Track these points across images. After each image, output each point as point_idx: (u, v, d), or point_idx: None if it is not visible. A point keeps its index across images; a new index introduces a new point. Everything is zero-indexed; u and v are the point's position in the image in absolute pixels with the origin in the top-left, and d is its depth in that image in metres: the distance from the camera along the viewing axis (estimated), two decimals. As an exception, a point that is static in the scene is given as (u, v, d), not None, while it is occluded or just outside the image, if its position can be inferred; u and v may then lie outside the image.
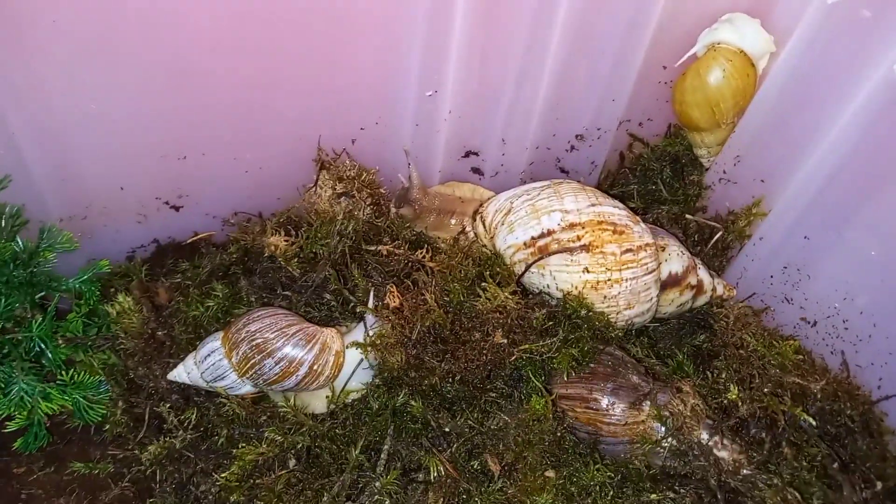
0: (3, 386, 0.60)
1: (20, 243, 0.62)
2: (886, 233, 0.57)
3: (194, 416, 0.60)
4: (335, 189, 0.68)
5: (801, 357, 0.61)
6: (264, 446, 0.57)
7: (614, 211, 0.63)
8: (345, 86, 0.64)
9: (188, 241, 0.73)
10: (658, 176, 0.77)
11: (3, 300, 0.61)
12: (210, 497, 0.57)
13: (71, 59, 0.56)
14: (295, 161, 0.69)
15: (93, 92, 0.58)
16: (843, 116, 0.59)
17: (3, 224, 0.61)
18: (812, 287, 0.64)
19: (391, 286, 0.60)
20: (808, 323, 0.64)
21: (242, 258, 0.69)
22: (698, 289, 0.66)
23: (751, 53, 0.67)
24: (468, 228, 0.69)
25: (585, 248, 0.60)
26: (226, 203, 0.72)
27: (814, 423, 0.54)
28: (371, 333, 0.59)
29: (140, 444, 0.61)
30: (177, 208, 0.71)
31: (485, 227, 0.66)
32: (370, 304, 0.61)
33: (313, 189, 0.69)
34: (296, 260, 0.66)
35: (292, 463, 0.58)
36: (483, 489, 0.55)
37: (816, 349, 0.63)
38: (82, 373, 0.62)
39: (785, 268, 0.65)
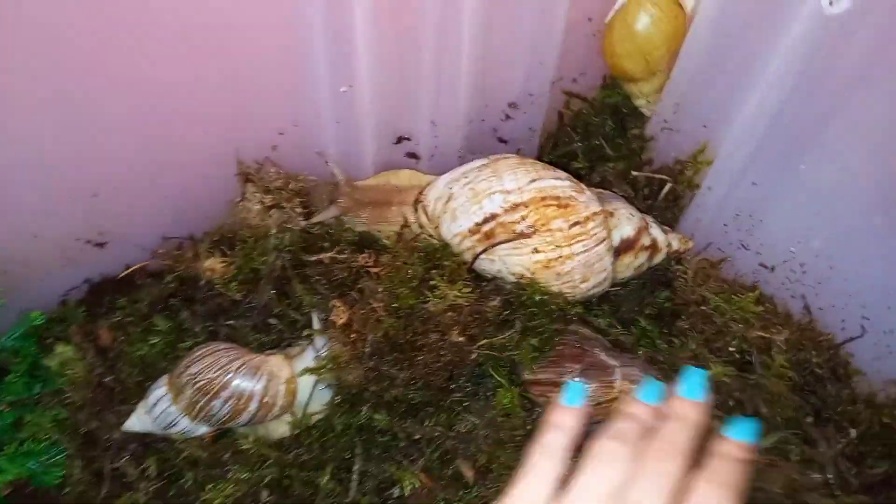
0: (-51, 464, 0.57)
1: (-66, 315, 0.58)
2: (833, 174, 0.55)
3: (154, 465, 0.58)
4: (264, 202, 0.64)
5: (762, 308, 0.60)
6: (231, 488, 0.55)
7: (556, 184, 0.60)
8: (252, 94, 0.60)
9: (121, 276, 0.69)
10: (600, 130, 0.74)
11: (-71, 377, 0.57)
12: (185, 545, 0.56)
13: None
14: (217, 177, 0.65)
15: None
16: (778, 54, 0.56)
17: None
18: (766, 232, 0.62)
19: (336, 301, 0.57)
20: (767, 268, 0.63)
21: (180, 287, 0.66)
22: (653, 248, 0.64)
23: (677, -6, 0.63)
24: (411, 219, 0.66)
25: (532, 227, 0.58)
26: (152, 231, 0.67)
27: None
28: (322, 356, 0.56)
29: (106, 500, 0.59)
30: (101, 245, 0.66)
31: (427, 216, 0.64)
32: (315, 326, 0.58)
33: (241, 204, 0.65)
34: (235, 283, 0.63)
35: (265, 495, 0.57)
36: (461, 496, 0.54)
37: (778, 294, 0.62)
38: (28, 440, 0.59)
39: (737, 215, 0.64)
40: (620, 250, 0.62)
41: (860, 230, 0.55)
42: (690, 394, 0.42)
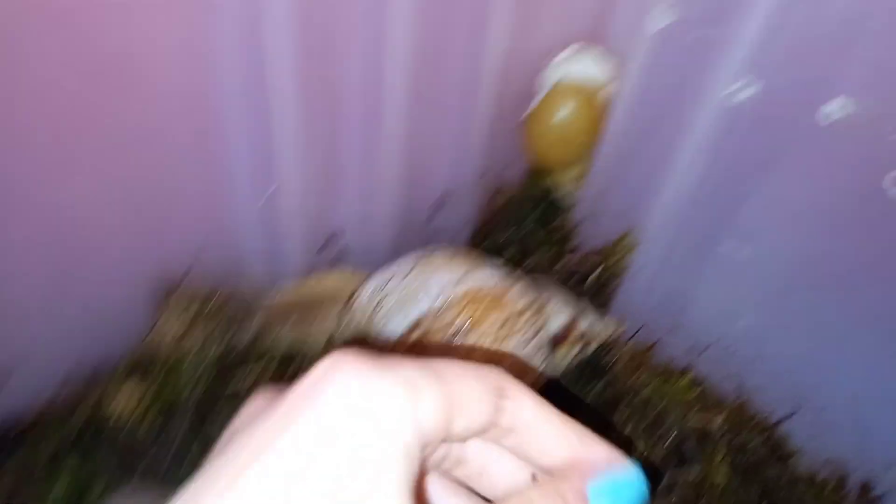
0: None
1: None
2: (752, 254, 0.56)
3: None
4: (184, 320, 0.61)
5: (697, 391, 0.60)
6: None
7: (488, 279, 0.59)
8: (174, 205, 0.58)
9: (29, 416, 0.63)
10: (529, 219, 0.75)
11: None
12: None
13: None
14: (134, 297, 0.62)
15: None
16: (690, 141, 0.57)
17: None
18: (695, 313, 0.63)
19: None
20: (699, 350, 0.63)
21: (90, 423, 0.60)
22: (586, 337, 0.64)
23: (594, 85, 0.65)
24: (342, 325, 0.64)
25: (465, 327, 0.57)
26: (60, 360, 0.62)
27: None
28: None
29: None
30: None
31: (359, 321, 0.62)
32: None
33: (160, 323, 0.62)
34: (147, 420, 0.58)
35: None
36: None
37: (711, 375, 0.63)
38: None
39: (665, 298, 0.64)
40: (555, 342, 0.62)
41: (784, 309, 0.56)
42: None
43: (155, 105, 0.51)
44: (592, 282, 0.70)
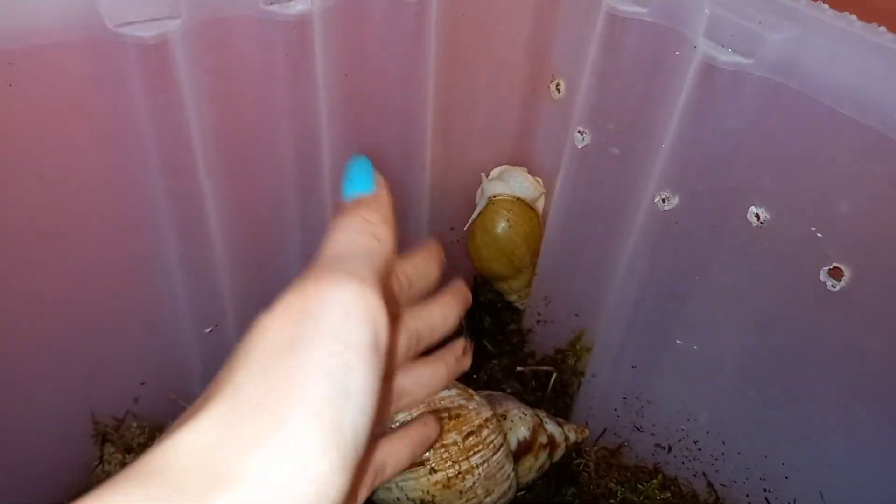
0: None
1: None
2: (702, 351, 0.57)
3: None
4: (126, 462, 0.57)
5: (668, 494, 0.58)
6: None
7: (444, 393, 0.58)
8: (110, 346, 0.56)
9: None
10: (479, 328, 0.74)
11: None
12: None
13: None
14: (70, 440, 0.58)
15: None
16: (628, 243, 0.59)
17: None
18: (655, 412, 0.62)
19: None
20: (664, 448, 0.62)
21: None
22: (552, 445, 0.63)
23: (526, 198, 0.67)
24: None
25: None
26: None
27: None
28: None
29: None
30: (-76, 546, 0.56)
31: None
32: None
33: (100, 468, 0.58)
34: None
35: None
36: None
37: (680, 474, 0.61)
38: None
39: (625, 398, 0.64)
40: (520, 454, 0.60)
41: (739, 403, 0.56)
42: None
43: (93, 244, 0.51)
44: (551, 388, 0.69)
